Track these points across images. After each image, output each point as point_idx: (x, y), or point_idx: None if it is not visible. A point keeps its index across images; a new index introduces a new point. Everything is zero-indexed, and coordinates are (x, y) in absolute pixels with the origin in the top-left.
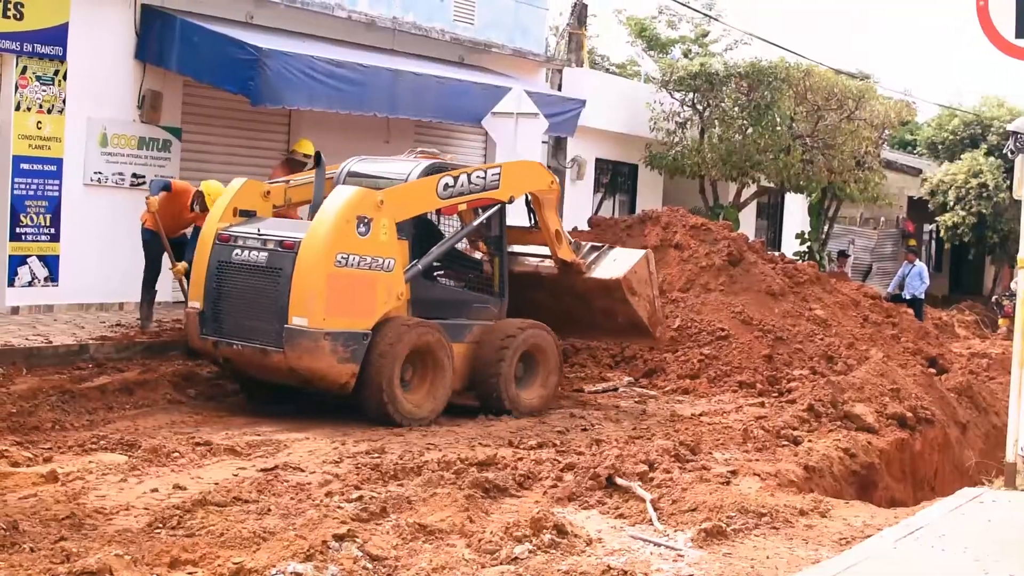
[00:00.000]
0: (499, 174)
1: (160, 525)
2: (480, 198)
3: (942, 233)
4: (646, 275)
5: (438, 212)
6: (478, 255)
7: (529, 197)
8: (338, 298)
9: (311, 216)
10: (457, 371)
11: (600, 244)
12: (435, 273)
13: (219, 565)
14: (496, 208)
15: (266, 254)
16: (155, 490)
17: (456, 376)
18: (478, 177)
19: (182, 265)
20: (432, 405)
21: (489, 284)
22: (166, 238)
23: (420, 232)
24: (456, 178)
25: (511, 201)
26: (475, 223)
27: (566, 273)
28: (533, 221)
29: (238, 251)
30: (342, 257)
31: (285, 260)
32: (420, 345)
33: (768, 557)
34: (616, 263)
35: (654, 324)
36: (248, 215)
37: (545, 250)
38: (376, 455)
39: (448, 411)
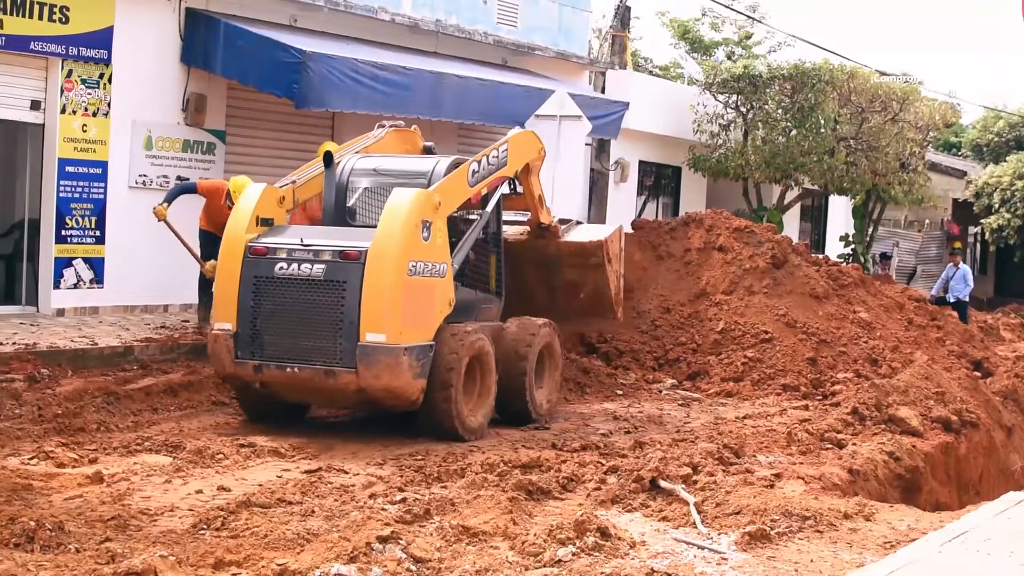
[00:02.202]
0: (507, 150)
1: (204, 526)
2: (495, 178)
3: (987, 235)
4: (618, 249)
5: (467, 202)
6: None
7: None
8: (411, 310)
9: (327, 220)
10: None
11: (568, 218)
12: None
13: (263, 566)
14: (500, 190)
15: (322, 266)
16: (199, 491)
17: None
18: (493, 157)
19: (212, 263)
20: (484, 415)
21: (489, 282)
22: (209, 236)
23: (450, 230)
24: (479, 162)
25: (515, 176)
26: (489, 209)
27: (539, 237)
28: (513, 188)
29: (281, 264)
30: (412, 265)
31: (349, 272)
32: (476, 353)
33: (812, 561)
34: (591, 231)
35: (618, 302)
36: (267, 224)
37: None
38: (420, 457)
39: None
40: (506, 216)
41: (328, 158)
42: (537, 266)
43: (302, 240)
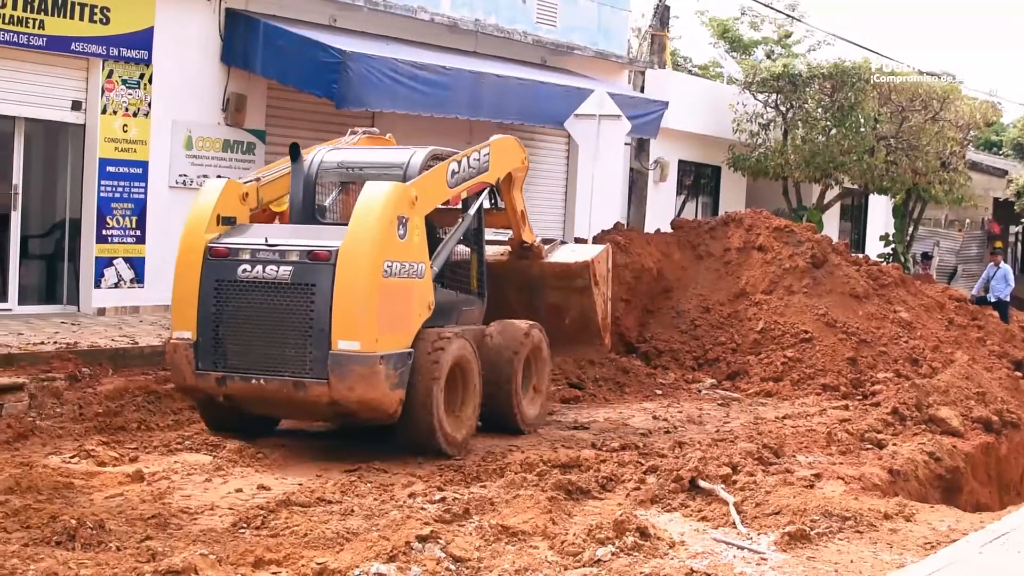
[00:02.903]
0: (489, 154)
1: (244, 525)
2: (475, 183)
3: None
4: (605, 270)
5: (444, 204)
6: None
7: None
8: (387, 314)
9: (294, 218)
10: None
11: (552, 238)
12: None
13: (303, 565)
14: (483, 195)
15: (290, 268)
16: (239, 490)
17: None
18: (474, 160)
19: None
20: (468, 427)
21: (470, 282)
22: None
23: (428, 229)
24: (460, 163)
25: (497, 183)
26: (472, 211)
27: (521, 258)
28: (493, 202)
29: (245, 267)
30: (388, 265)
31: (319, 274)
32: (458, 360)
33: (852, 561)
34: (576, 252)
35: (605, 327)
36: (229, 222)
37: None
38: (459, 456)
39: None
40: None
41: (294, 151)
42: (519, 288)
43: (267, 240)
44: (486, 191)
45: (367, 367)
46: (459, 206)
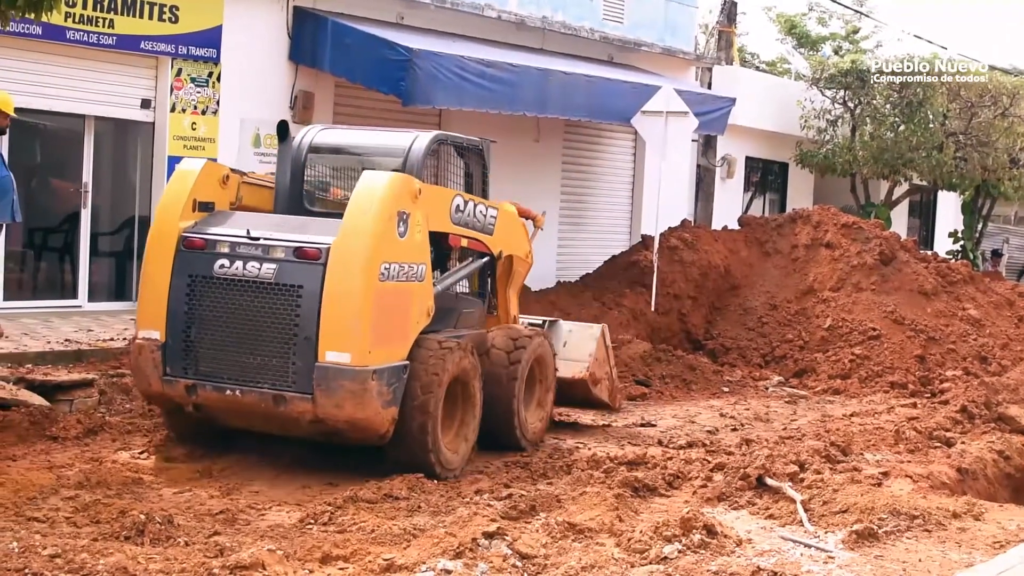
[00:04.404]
0: (496, 217)
1: (312, 521)
2: (476, 236)
3: None
4: (604, 354)
5: (445, 238)
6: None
7: (499, 264)
8: (382, 323)
9: (280, 207)
10: None
11: (538, 321)
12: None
13: (370, 561)
14: (486, 258)
15: (274, 266)
16: (307, 486)
17: None
18: (480, 212)
19: None
20: (465, 447)
21: (470, 282)
22: None
23: (433, 236)
24: (466, 202)
25: (499, 257)
26: (482, 261)
27: None
28: (491, 305)
29: (223, 262)
30: (385, 267)
31: (307, 274)
32: (458, 373)
33: (920, 560)
34: (569, 349)
35: (613, 399)
36: (207, 208)
37: None
38: (526, 453)
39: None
40: None
41: (283, 129)
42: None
43: (248, 232)
44: (486, 259)
45: (357, 383)
46: (458, 250)
